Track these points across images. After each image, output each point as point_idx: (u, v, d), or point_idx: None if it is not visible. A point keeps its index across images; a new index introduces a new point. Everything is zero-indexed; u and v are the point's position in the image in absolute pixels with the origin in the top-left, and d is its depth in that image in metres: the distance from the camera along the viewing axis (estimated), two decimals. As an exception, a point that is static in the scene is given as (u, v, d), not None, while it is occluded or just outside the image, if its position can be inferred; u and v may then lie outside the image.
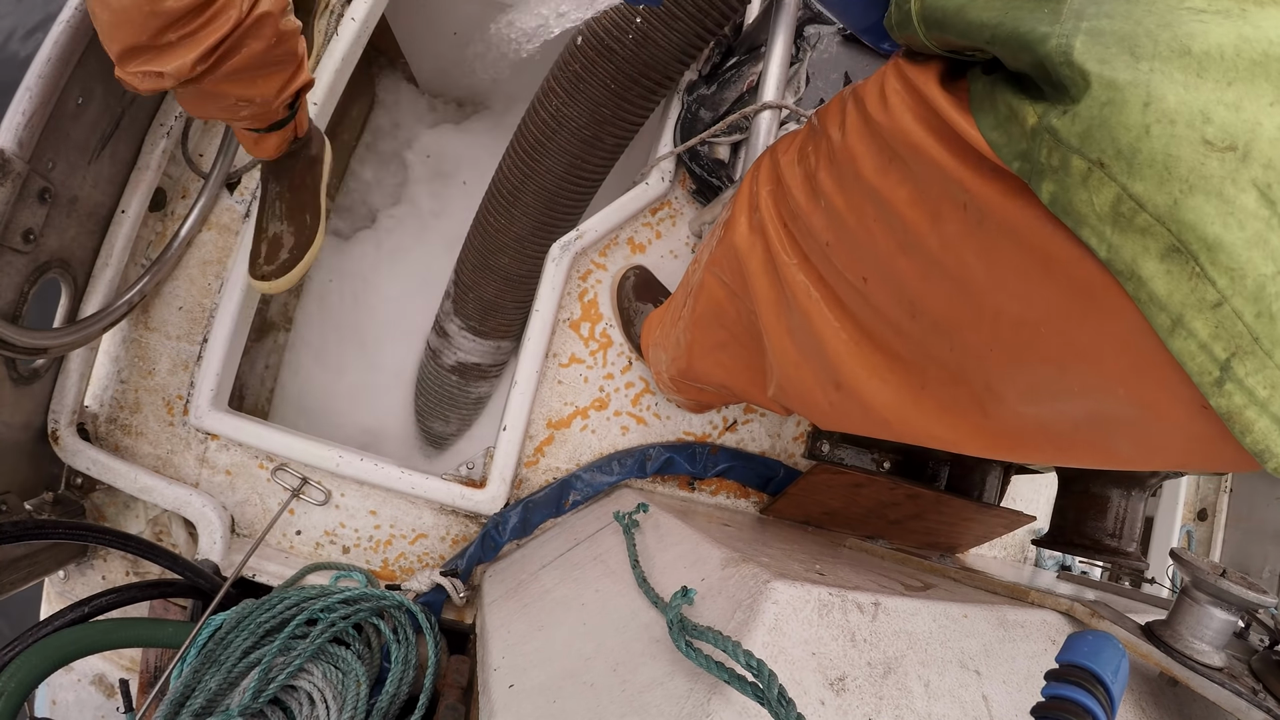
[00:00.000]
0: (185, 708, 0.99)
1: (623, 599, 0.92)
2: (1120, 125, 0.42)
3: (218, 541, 1.37)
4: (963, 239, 0.59)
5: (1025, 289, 0.54)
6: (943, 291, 0.63)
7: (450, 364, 1.85)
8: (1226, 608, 0.82)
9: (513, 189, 1.54)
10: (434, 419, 2.00)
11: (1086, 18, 0.45)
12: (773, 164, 0.93)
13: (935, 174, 0.60)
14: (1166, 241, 0.42)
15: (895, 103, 0.64)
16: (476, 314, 1.73)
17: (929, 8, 0.60)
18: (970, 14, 0.54)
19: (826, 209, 0.77)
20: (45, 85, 1.12)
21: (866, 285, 0.74)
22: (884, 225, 0.68)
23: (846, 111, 0.75)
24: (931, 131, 0.60)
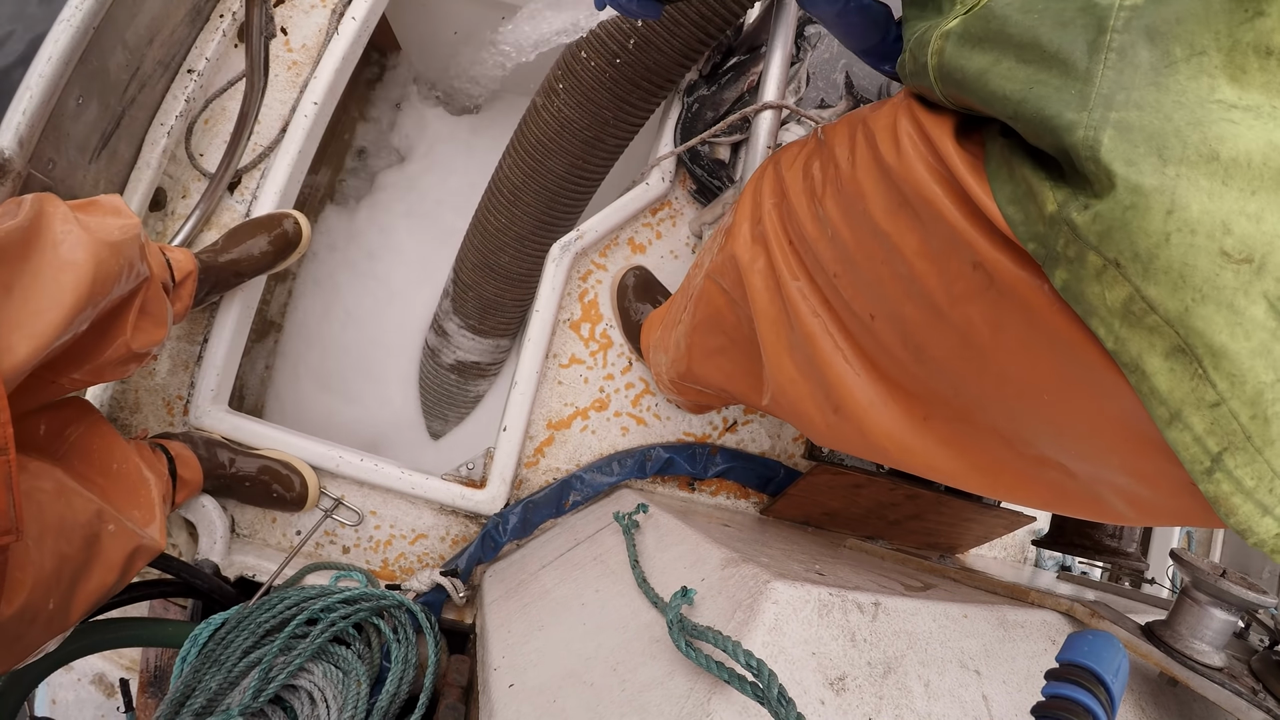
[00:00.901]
0: (186, 707, 0.98)
1: (623, 599, 0.92)
2: (1141, 230, 0.43)
3: (218, 542, 1.37)
4: (970, 299, 0.59)
5: (1029, 357, 0.55)
6: (948, 344, 0.64)
7: (449, 363, 1.85)
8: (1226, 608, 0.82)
9: (513, 188, 1.54)
10: (433, 418, 2.00)
11: (1115, 106, 0.44)
12: (777, 177, 0.91)
13: (945, 230, 0.59)
14: (1173, 342, 0.43)
15: (908, 149, 0.62)
16: (476, 313, 1.73)
17: (948, 67, 0.58)
18: (992, 83, 0.52)
19: (833, 239, 0.76)
20: (46, 85, 1.12)
21: (874, 322, 0.72)
22: (891, 269, 0.67)
23: (856, 143, 0.72)
24: (944, 187, 0.59)
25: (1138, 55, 0.45)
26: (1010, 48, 0.51)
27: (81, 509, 0.88)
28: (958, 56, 0.56)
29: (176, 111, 1.45)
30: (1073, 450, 0.57)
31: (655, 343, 1.37)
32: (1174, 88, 0.43)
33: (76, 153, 1.24)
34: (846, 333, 0.78)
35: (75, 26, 1.14)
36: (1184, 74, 0.43)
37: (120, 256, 0.89)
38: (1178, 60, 0.44)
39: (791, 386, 0.87)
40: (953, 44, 0.57)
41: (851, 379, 0.77)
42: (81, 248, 0.83)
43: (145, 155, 1.42)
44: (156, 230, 1.49)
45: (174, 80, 1.46)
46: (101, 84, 1.24)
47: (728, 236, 0.99)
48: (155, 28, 1.35)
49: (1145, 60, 0.44)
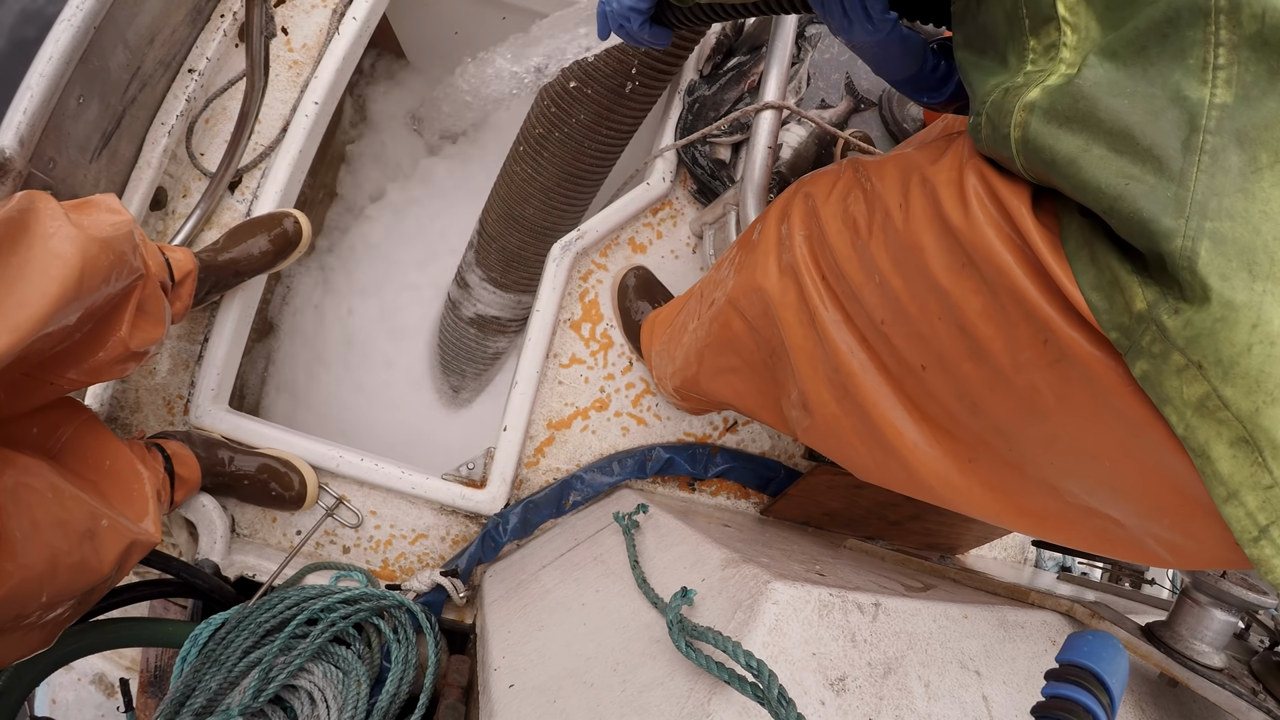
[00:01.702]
0: (186, 707, 0.99)
1: (623, 599, 0.92)
2: (1226, 340, 0.46)
3: (218, 541, 1.37)
4: (1037, 369, 0.60)
5: (1093, 427, 0.58)
6: (1008, 404, 0.65)
7: (469, 316, 1.82)
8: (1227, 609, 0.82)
9: (538, 137, 1.50)
10: (450, 373, 1.97)
11: (1209, 215, 0.47)
12: (809, 210, 0.89)
13: (1017, 301, 0.59)
14: (1239, 434, 0.47)
15: (978, 214, 0.62)
16: (499, 265, 1.69)
17: (1035, 144, 0.56)
18: (1085, 171, 0.52)
19: (881, 287, 0.74)
20: (46, 84, 1.12)
21: (925, 373, 0.72)
22: (951, 327, 0.67)
23: (911, 192, 0.71)
24: (1019, 259, 0.59)
25: (1228, 160, 0.47)
26: (1101, 134, 0.51)
27: (74, 505, 0.88)
28: (1046, 135, 0.54)
29: (177, 111, 1.45)
30: (1125, 508, 0.61)
31: (660, 348, 1.36)
32: (1260, 196, 0.46)
33: (77, 152, 1.24)
34: (889, 375, 0.78)
35: (76, 26, 1.14)
36: (1268, 181, 0.46)
37: (110, 252, 0.89)
38: (1263, 167, 0.46)
39: (834, 421, 0.86)
40: (1038, 119, 0.55)
41: (896, 418, 0.77)
42: (69, 242, 0.82)
43: (146, 155, 1.42)
44: (157, 230, 1.49)
45: (175, 80, 1.46)
46: (102, 83, 1.24)
47: (749, 269, 0.97)
48: (156, 27, 1.35)
49: (1235, 165, 0.47)
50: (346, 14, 1.56)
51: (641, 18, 0.88)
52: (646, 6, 0.87)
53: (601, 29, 0.92)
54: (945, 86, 0.85)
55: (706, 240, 1.56)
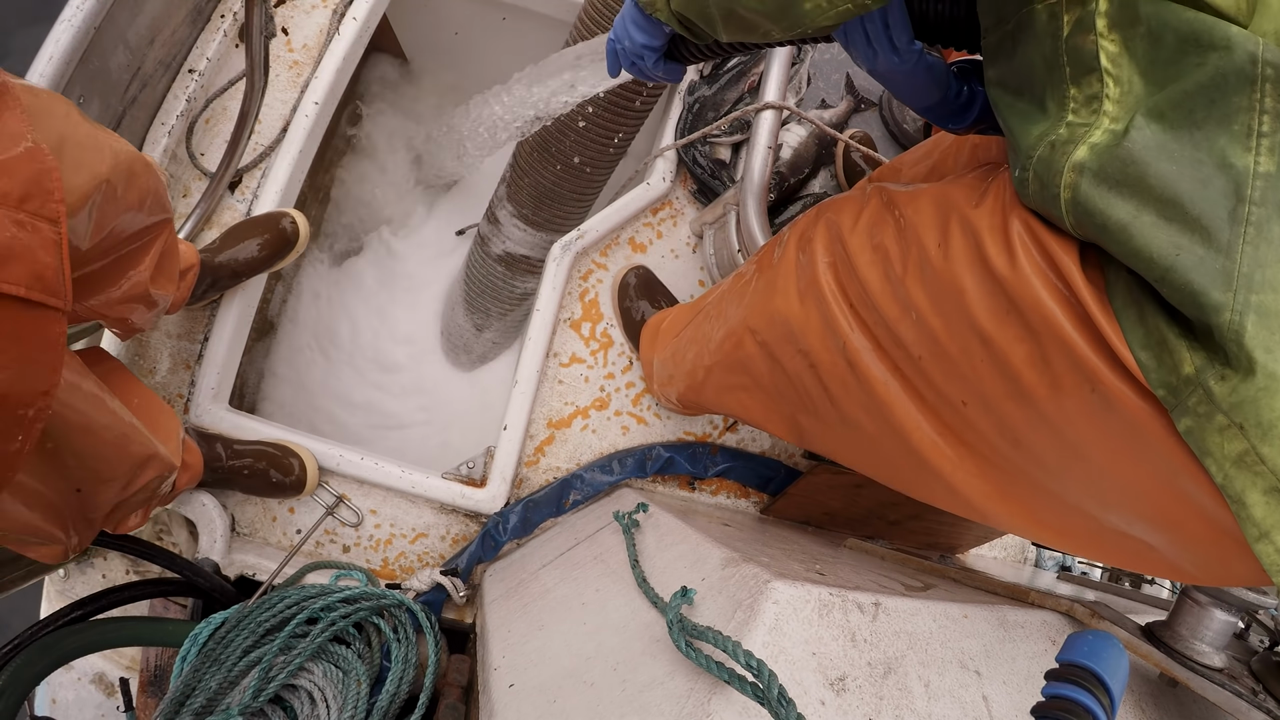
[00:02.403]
0: (186, 706, 0.99)
1: (623, 598, 0.92)
2: (1268, 406, 0.50)
3: (218, 540, 1.37)
4: (1082, 415, 0.62)
5: (1136, 470, 0.61)
6: (1051, 444, 0.67)
7: (497, 253, 1.77)
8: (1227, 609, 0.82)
9: None
10: (474, 311, 1.92)
11: (1255, 289, 0.50)
12: (833, 237, 0.88)
13: (1064, 352, 0.61)
14: (1273, 484, 0.52)
15: (1025, 264, 0.63)
16: (531, 201, 1.63)
17: (1086, 207, 0.56)
18: (1137, 240, 0.53)
19: (919, 324, 0.74)
20: (47, 84, 1.12)
21: (965, 409, 0.73)
22: (993, 370, 0.68)
23: (950, 233, 0.71)
24: (1067, 312, 0.60)
25: (1272, 231, 0.50)
26: (1151, 200, 0.53)
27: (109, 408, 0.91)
28: (1097, 199, 0.55)
29: (177, 111, 1.45)
30: (1161, 538, 0.64)
31: (664, 358, 1.35)
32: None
33: (77, 152, 1.24)
34: (926, 405, 0.78)
35: (76, 26, 1.15)
36: None
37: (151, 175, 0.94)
38: None
39: (872, 445, 0.87)
40: (1089, 182, 0.56)
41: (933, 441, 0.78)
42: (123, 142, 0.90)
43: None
44: (157, 229, 1.49)
45: (175, 80, 1.47)
46: (103, 83, 1.24)
47: (770, 290, 0.96)
48: (156, 28, 1.36)
49: (1277, 237, 0.50)
50: (347, 14, 1.56)
51: (655, 55, 0.87)
52: (660, 44, 0.85)
53: (612, 67, 0.91)
54: (969, 111, 0.85)
55: (706, 240, 1.56)
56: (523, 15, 1.98)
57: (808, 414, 0.97)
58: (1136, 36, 0.54)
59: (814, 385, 0.92)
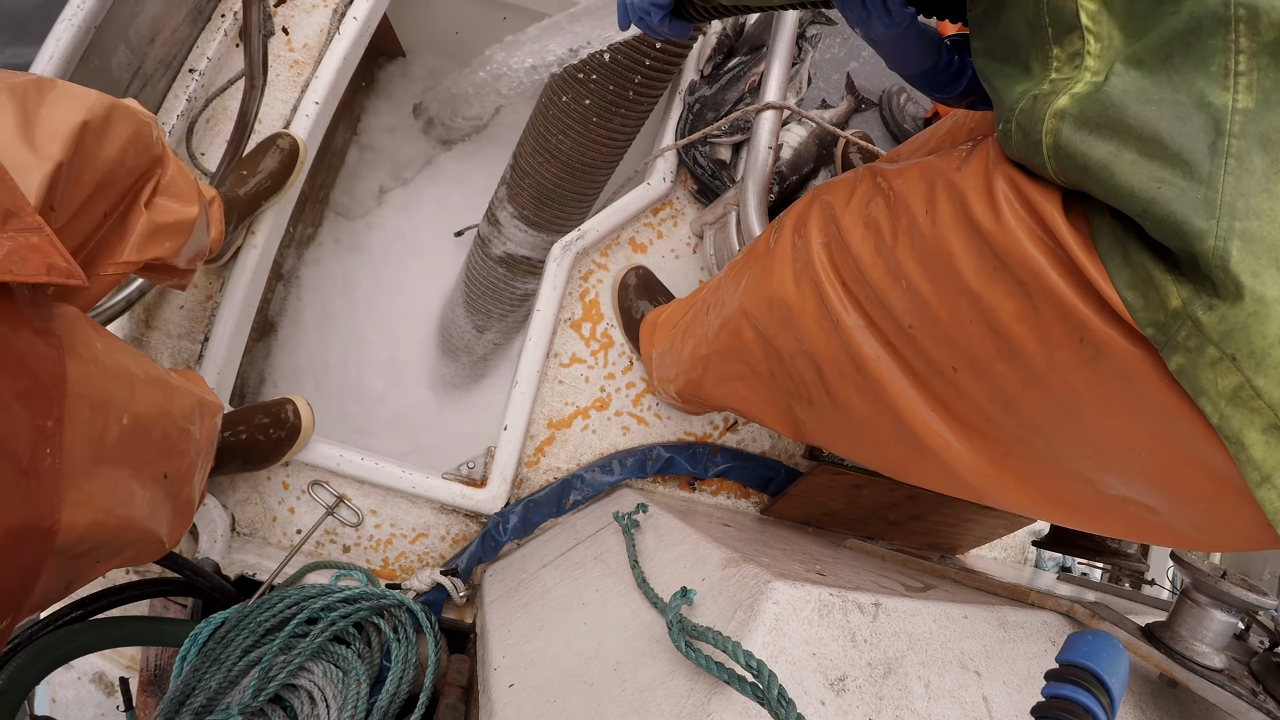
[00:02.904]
0: (185, 706, 0.99)
1: (623, 598, 0.92)
2: (1259, 333, 0.50)
3: (218, 540, 1.37)
4: (1073, 367, 0.62)
5: (1130, 421, 0.61)
6: (1043, 403, 0.67)
7: (498, 254, 1.77)
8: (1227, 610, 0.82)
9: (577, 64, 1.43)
10: (475, 313, 1.92)
11: (1238, 215, 0.50)
12: (827, 217, 0.89)
13: (1052, 302, 0.61)
14: (1271, 421, 0.51)
15: (1008, 217, 0.63)
16: (532, 203, 1.63)
17: (1066, 150, 0.57)
18: (1118, 176, 0.54)
19: (909, 291, 0.75)
20: (47, 84, 1.12)
21: (956, 375, 0.73)
22: (983, 329, 0.68)
23: (937, 198, 0.72)
24: (1052, 262, 0.61)
25: (1253, 162, 0.50)
26: (1131, 139, 0.54)
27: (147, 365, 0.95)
28: (1078, 142, 0.56)
29: (178, 111, 1.45)
30: (1160, 497, 0.63)
31: (662, 350, 1.36)
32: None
33: (78, 151, 1.24)
34: (917, 377, 0.79)
35: (77, 25, 1.15)
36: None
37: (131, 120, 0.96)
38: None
39: (863, 423, 0.88)
40: (1069, 126, 0.57)
41: (927, 417, 0.78)
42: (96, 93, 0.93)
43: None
44: (158, 229, 1.49)
45: (175, 79, 1.46)
46: (103, 83, 1.24)
47: (766, 275, 0.97)
48: (157, 27, 1.36)
49: (1259, 167, 0.50)
50: (347, 14, 1.56)
51: (661, 12, 0.89)
52: (667, 1, 0.88)
53: (622, 20, 0.93)
54: (959, 82, 0.86)
55: (707, 240, 1.56)
56: (523, 14, 1.98)
57: (802, 402, 0.97)
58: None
59: (808, 369, 0.93)
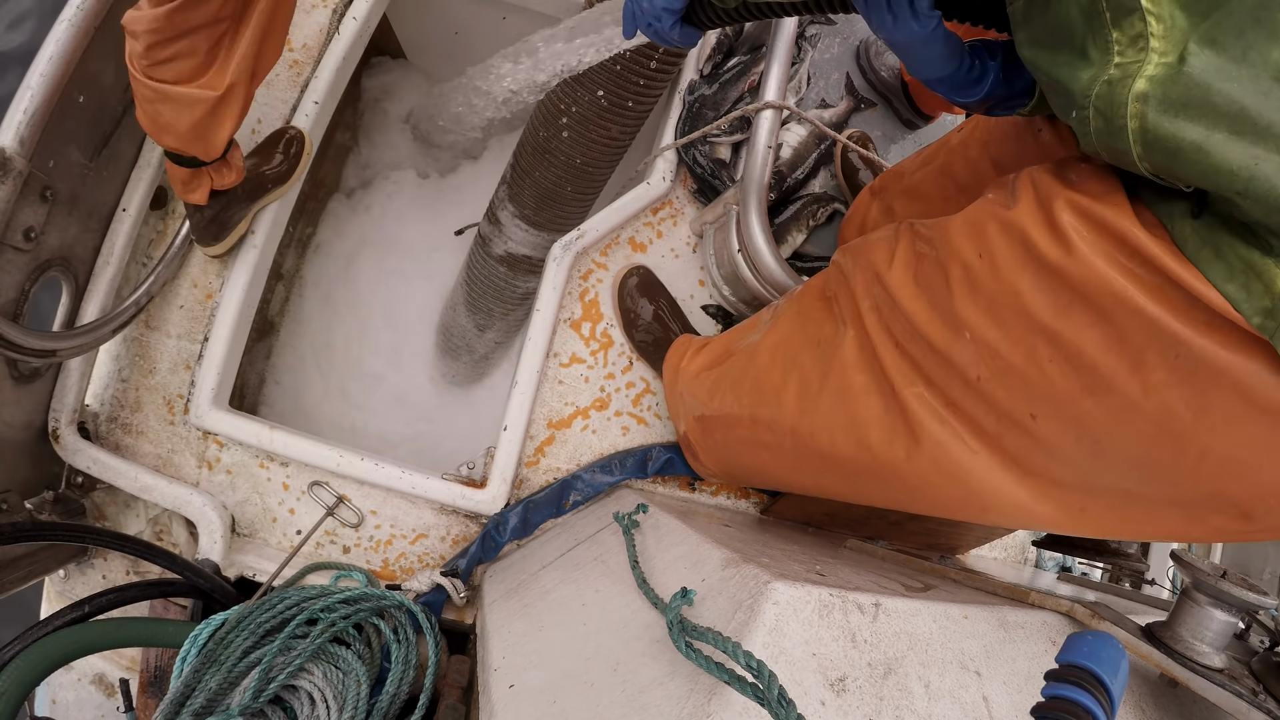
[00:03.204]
0: (186, 707, 0.99)
1: (623, 599, 0.92)
2: None
3: (218, 541, 1.37)
4: (1170, 387, 0.61)
5: (1236, 431, 0.60)
6: (1140, 434, 0.66)
7: (499, 254, 1.77)
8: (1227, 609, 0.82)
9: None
10: (476, 312, 1.92)
11: None
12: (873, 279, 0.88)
13: (1141, 323, 0.61)
14: None
15: (1082, 246, 0.63)
16: (532, 202, 1.63)
17: (1155, 134, 0.56)
18: (1214, 155, 0.54)
19: (974, 342, 0.74)
20: (47, 84, 1.12)
21: (1035, 422, 0.72)
22: (1064, 367, 0.67)
23: (990, 240, 0.71)
24: (1135, 282, 0.60)
25: None
26: (1220, 118, 0.54)
27: None
28: (1166, 124, 0.56)
29: (177, 111, 1.44)
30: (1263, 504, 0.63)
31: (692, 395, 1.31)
32: None
33: (78, 151, 1.24)
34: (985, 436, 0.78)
35: (76, 26, 1.14)
36: None
37: None
38: None
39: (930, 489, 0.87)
40: (1155, 109, 0.56)
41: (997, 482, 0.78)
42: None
43: (146, 154, 1.42)
44: (157, 229, 1.49)
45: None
46: (103, 82, 1.24)
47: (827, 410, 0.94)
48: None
49: None
50: (346, 14, 1.56)
51: (673, 19, 0.87)
52: (679, 7, 0.86)
53: (628, 28, 0.91)
54: (979, 86, 0.85)
55: (707, 239, 1.56)
56: (523, 14, 1.98)
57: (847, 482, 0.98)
58: None
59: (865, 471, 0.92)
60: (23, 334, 1.12)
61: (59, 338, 1.23)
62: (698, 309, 1.60)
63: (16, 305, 1.18)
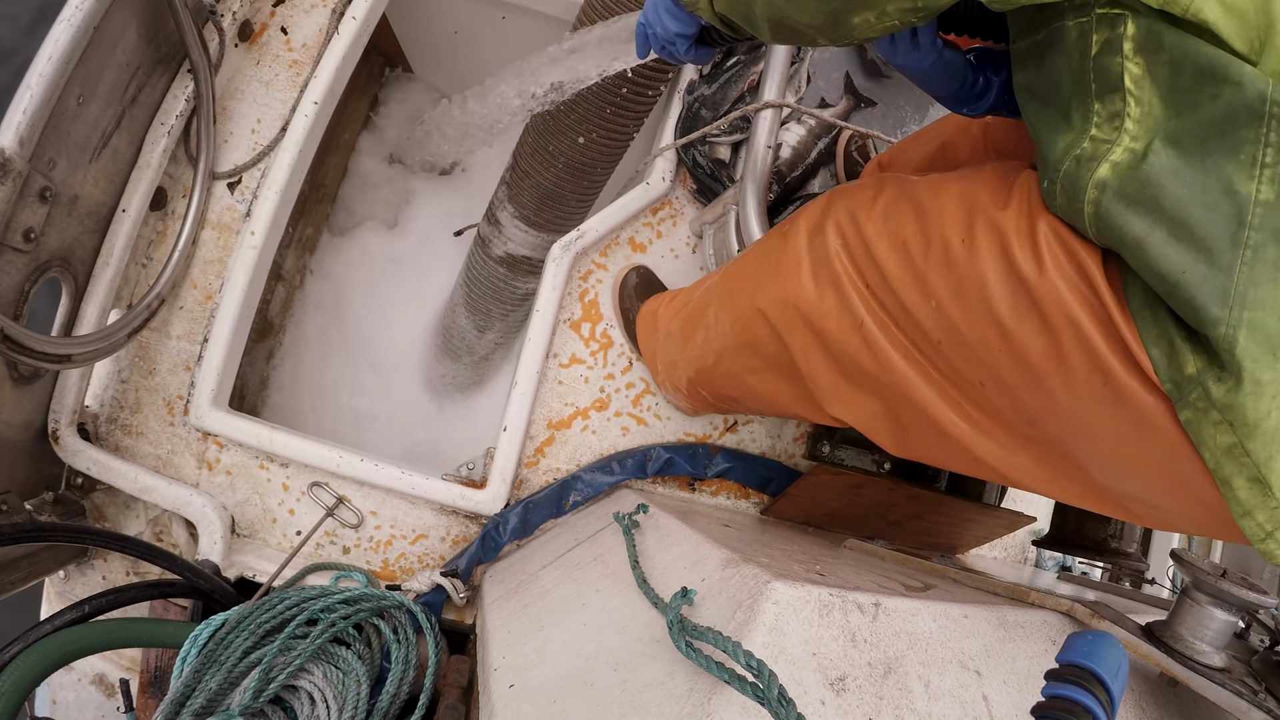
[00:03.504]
0: (186, 707, 0.98)
1: (623, 599, 0.92)
2: (1253, 408, 0.58)
3: (218, 542, 1.37)
4: (1093, 404, 0.69)
5: (1140, 452, 0.69)
6: (1064, 425, 0.74)
7: (499, 254, 1.77)
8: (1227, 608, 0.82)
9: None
10: (475, 313, 1.92)
11: (1247, 305, 0.56)
12: (847, 220, 0.91)
13: (1082, 349, 0.68)
14: (1254, 474, 0.60)
15: (1051, 268, 0.68)
16: (532, 203, 1.63)
17: (1106, 222, 0.62)
18: (1149, 255, 0.59)
19: (939, 310, 0.80)
20: (46, 84, 1.12)
21: (984, 389, 0.80)
22: (1010, 360, 0.74)
23: (976, 231, 0.75)
24: (1088, 314, 0.67)
25: (1266, 254, 0.56)
26: (1164, 219, 0.59)
27: None
28: (1116, 214, 0.61)
29: (177, 111, 1.44)
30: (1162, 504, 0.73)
31: (666, 335, 1.35)
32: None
33: (77, 152, 1.24)
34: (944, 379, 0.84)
35: (76, 26, 1.14)
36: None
37: None
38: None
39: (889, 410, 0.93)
40: (1110, 199, 0.61)
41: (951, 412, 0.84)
42: None
43: (146, 154, 1.42)
44: (157, 230, 1.49)
45: (174, 79, 1.46)
46: (102, 83, 1.24)
47: (779, 276, 0.98)
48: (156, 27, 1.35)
49: (1271, 259, 0.56)
50: (346, 14, 1.56)
51: (687, 43, 0.89)
52: (693, 33, 0.88)
53: (641, 49, 0.93)
54: (983, 100, 0.89)
55: (706, 239, 1.56)
56: (522, 14, 1.98)
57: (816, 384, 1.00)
58: (1159, 63, 0.59)
59: (824, 362, 0.95)
60: (36, 339, 1.11)
61: (75, 342, 1.23)
62: (697, 309, 1.60)
63: (16, 306, 1.18)
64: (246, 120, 1.53)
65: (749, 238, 1.36)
